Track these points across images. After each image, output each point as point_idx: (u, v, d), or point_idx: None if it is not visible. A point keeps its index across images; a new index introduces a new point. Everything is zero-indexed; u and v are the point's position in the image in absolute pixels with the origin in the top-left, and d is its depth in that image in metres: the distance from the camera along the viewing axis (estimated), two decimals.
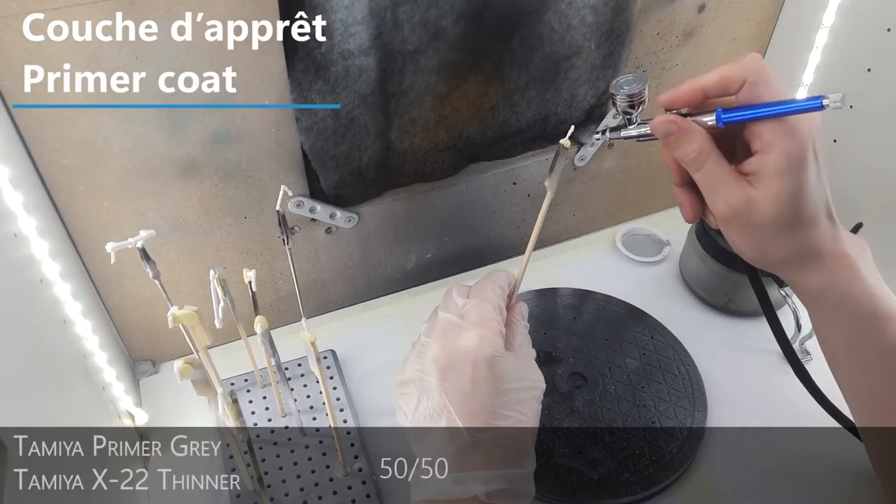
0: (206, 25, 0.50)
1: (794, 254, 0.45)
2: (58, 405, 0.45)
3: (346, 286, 0.74)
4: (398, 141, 0.65)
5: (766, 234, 0.44)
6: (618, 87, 0.47)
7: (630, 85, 0.47)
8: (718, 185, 0.44)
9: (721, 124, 0.44)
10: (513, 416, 0.46)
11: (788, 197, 0.43)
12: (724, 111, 0.43)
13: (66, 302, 0.52)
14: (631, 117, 0.48)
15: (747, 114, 0.42)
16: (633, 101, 0.47)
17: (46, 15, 0.45)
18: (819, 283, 0.46)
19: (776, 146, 0.42)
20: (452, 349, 0.47)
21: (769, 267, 0.48)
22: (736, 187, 0.44)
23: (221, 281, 0.53)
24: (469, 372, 0.46)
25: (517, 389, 0.47)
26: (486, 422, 0.45)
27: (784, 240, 0.45)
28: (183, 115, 0.54)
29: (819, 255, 0.45)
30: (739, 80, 0.43)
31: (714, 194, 0.45)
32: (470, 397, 0.46)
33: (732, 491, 0.59)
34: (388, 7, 0.54)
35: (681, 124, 0.45)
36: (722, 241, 0.70)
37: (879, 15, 0.65)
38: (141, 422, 0.62)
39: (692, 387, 0.65)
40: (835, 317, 0.47)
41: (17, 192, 0.46)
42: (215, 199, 0.60)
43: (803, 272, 0.46)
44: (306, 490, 0.57)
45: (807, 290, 0.47)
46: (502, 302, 0.51)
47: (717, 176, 0.44)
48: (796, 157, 0.42)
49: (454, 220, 0.75)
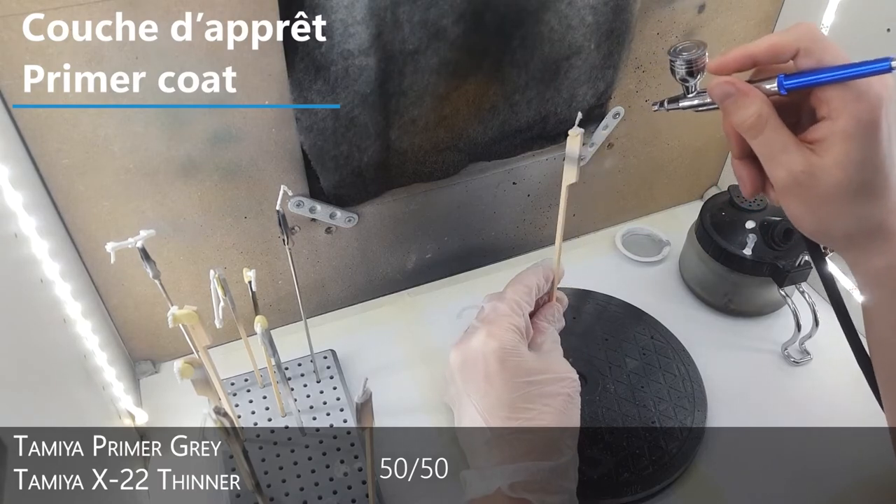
0: (206, 25, 0.50)
1: (858, 227, 0.42)
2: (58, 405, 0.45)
3: (346, 286, 0.74)
4: (398, 141, 0.65)
5: (830, 204, 0.41)
6: (676, 54, 0.44)
7: (689, 51, 0.44)
8: (779, 153, 0.41)
9: (783, 91, 0.41)
10: (534, 409, 0.46)
11: (858, 164, 0.40)
12: (785, 77, 0.41)
13: (67, 302, 0.52)
14: (689, 85, 0.45)
15: (812, 78, 0.40)
16: (693, 68, 0.44)
17: (46, 15, 0.45)
18: (884, 261, 0.42)
19: (845, 111, 0.39)
20: (466, 348, 0.49)
21: (830, 241, 0.44)
22: (798, 154, 0.41)
23: (221, 281, 0.53)
24: (481, 368, 0.47)
25: (539, 382, 0.46)
26: (505, 416, 0.45)
27: (849, 211, 0.41)
28: (183, 115, 0.54)
29: (887, 231, 0.42)
30: (791, 49, 0.40)
31: (774, 163, 0.42)
32: (486, 393, 0.46)
33: (732, 491, 0.59)
34: (388, 7, 0.54)
35: (739, 86, 0.42)
36: (722, 241, 0.70)
37: (879, 15, 0.65)
38: (141, 422, 0.62)
39: (692, 386, 0.65)
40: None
41: (17, 192, 0.46)
42: (215, 198, 0.60)
43: (868, 249, 0.43)
44: (306, 490, 0.57)
45: (870, 269, 0.43)
46: (524, 299, 0.50)
47: (777, 143, 0.41)
48: (867, 121, 0.39)
49: (454, 220, 0.75)
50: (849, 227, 0.42)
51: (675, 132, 0.80)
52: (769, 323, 0.74)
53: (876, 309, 0.45)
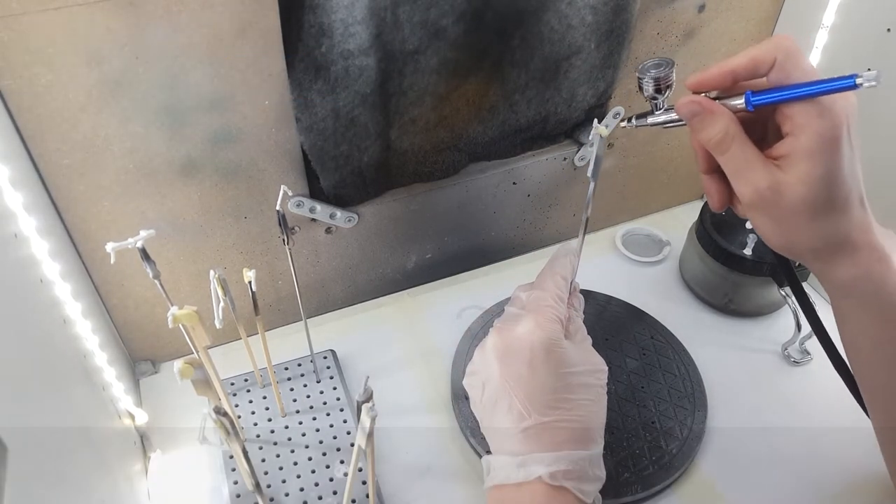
0: (206, 25, 0.50)
1: (824, 242, 0.43)
2: (58, 405, 0.45)
3: (346, 286, 0.74)
4: (398, 141, 0.65)
5: (795, 220, 0.42)
6: (644, 71, 0.45)
7: (657, 68, 0.45)
8: (745, 170, 0.42)
9: (751, 107, 0.42)
10: (576, 399, 0.46)
11: (820, 180, 0.40)
12: (753, 94, 0.41)
13: (67, 302, 0.52)
14: (658, 102, 0.46)
15: (777, 95, 0.40)
16: (660, 86, 0.45)
17: (47, 15, 0.45)
18: (850, 273, 0.43)
19: (808, 127, 0.40)
20: (510, 336, 0.48)
21: (797, 256, 0.45)
22: (763, 171, 0.41)
23: (221, 281, 0.53)
24: (527, 356, 0.47)
25: (579, 373, 0.47)
26: (548, 404, 0.45)
27: (814, 226, 0.42)
28: (183, 115, 0.54)
29: (851, 245, 0.43)
30: (769, 61, 0.41)
31: (740, 179, 0.43)
32: (529, 381, 0.46)
33: (733, 491, 0.59)
34: (388, 7, 0.54)
35: (705, 105, 0.43)
36: (722, 241, 0.70)
37: (879, 15, 0.65)
38: (141, 422, 0.62)
39: (692, 387, 0.65)
40: (865, 310, 0.45)
41: (17, 192, 0.46)
42: (215, 199, 0.60)
43: (833, 262, 0.44)
44: (306, 490, 0.57)
45: (836, 281, 0.45)
46: (562, 291, 0.51)
47: (742, 159, 0.42)
48: (829, 138, 0.40)
49: (454, 220, 0.75)
50: (814, 241, 0.43)
51: (676, 132, 0.80)
52: (769, 323, 0.74)
53: (846, 318, 0.46)
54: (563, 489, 0.43)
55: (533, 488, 0.43)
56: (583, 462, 0.44)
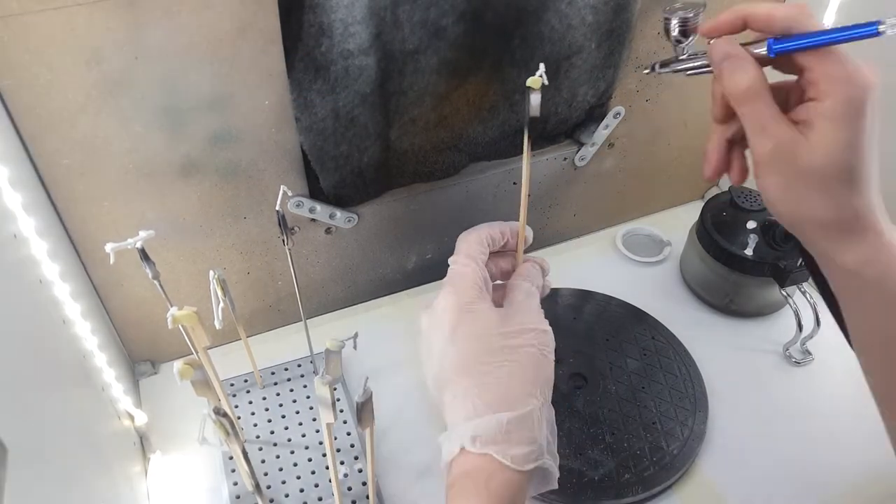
0: (206, 25, 0.50)
1: (835, 217, 0.41)
2: (57, 406, 0.45)
3: (345, 286, 0.74)
4: (398, 141, 0.65)
5: (808, 185, 0.40)
6: (672, 12, 0.44)
7: (685, 10, 0.43)
8: (767, 122, 0.40)
9: (772, 53, 0.40)
10: (496, 361, 0.45)
11: (840, 147, 0.39)
12: (775, 41, 0.40)
13: (66, 302, 0.51)
14: (683, 46, 0.45)
15: (799, 42, 0.39)
16: (687, 27, 0.44)
17: (46, 15, 0.45)
18: (858, 256, 0.41)
19: (834, 92, 0.38)
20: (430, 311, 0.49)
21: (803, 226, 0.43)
22: (785, 127, 0.40)
23: (221, 281, 0.53)
24: (446, 326, 0.46)
25: (502, 335, 0.45)
26: (465, 371, 0.44)
27: (826, 196, 0.40)
28: (183, 115, 0.54)
29: (861, 226, 0.41)
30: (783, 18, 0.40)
31: (760, 132, 0.41)
32: (448, 350, 0.46)
33: (733, 492, 0.59)
34: (388, 6, 0.54)
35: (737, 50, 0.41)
36: (723, 242, 0.70)
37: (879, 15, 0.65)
38: (141, 422, 0.62)
39: (693, 387, 0.65)
40: (870, 301, 0.42)
41: (16, 192, 0.46)
42: (215, 199, 0.60)
43: (841, 243, 0.41)
44: (306, 491, 0.57)
45: (843, 264, 0.42)
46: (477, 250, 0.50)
47: (766, 112, 0.40)
48: (854, 104, 0.38)
49: (454, 221, 0.75)
50: (824, 212, 0.41)
51: (676, 132, 0.80)
52: (770, 323, 0.73)
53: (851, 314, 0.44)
54: (487, 456, 0.42)
55: (463, 458, 0.42)
56: (503, 425, 0.42)
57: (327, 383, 0.41)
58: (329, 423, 0.44)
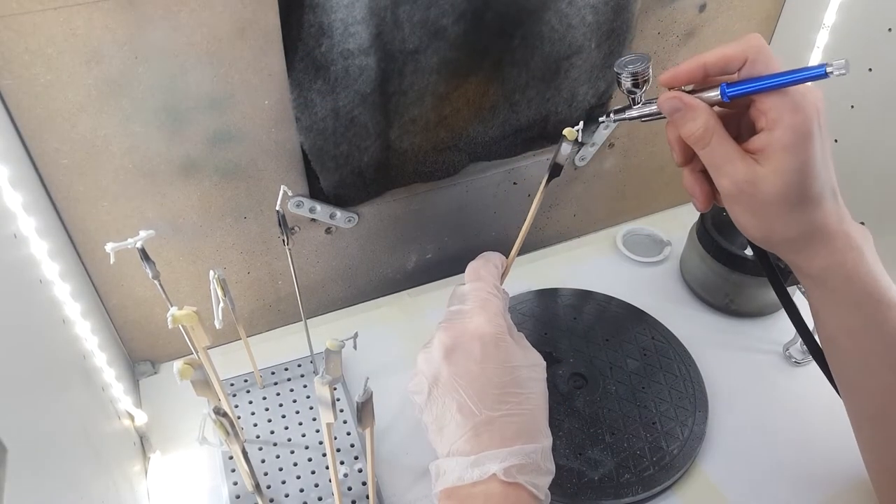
0: (206, 25, 0.50)
1: (800, 232, 0.45)
2: (57, 405, 0.45)
3: (346, 286, 0.74)
4: (398, 141, 0.65)
5: (771, 211, 0.44)
6: (622, 66, 0.47)
7: (634, 64, 0.46)
8: (724, 163, 0.44)
9: (726, 98, 0.43)
10: (523, 392, 0.46)
11: (794, 172, 0.42)
12: (728, 85, 0.43)
13: (66, 302, 0.51)
14: (636, 96, 0.48)
15: (752, 86, 0.42)
16: (638, 80, 0.47)
17: (46, 14, 0.45)
18: (825, 262, 0.45)
19: (782, 122, 0.42)
20: (458, 333, 0.47)
21: (775, 247, 0.47)
22: (741, 164, 0.43)
23: (221, 281, 0.53)
24: (477, 352, 0.46)
25: (523, 367, 0.47)
26: (497, 399, 0.45)
27: (790, 217, 0.44)
28: (183, 115, 0.54)
29: (825, 234, 0.45)
30: (740, 59, 0.43)
31: (719, 172, 0.44)
32: (479, 377, 0.46)
33: (733, 492, 0.59)
34: (388, 6, 0.54)
35: (686, 100, 0.44)
36: (723, 242, 0.70)
37: (880, 14, 0.65)
38: (140, 422, 0.62)
39: (693, 387, 0.65)
40: (839, 299, 0.46)
41: (16, 192, 0.46)
42: (215, 199, 0.60)
43: (809, 252, 0.45)
44: (306, 490, 0.57)
45: (812, 270, 0.46)
46: (497, 281, 0.51)
47: (722, 153, 0.44)
48: (802, 132, 0.41)
49: (454, 221, 0.75)
50: (789, 231, 0.45)
51: None
52: (770, 323, 0.73)
53: (820, 309, 0.48)
54: (517, 485, 0.42)
55: (487, 487, 0.43)
56: (534, 455, 0.44)
57: (327, 383, 0.41)
58: (329, 423, 0.44)
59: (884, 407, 0.47)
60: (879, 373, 0.47)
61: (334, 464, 0.49)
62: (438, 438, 0.46)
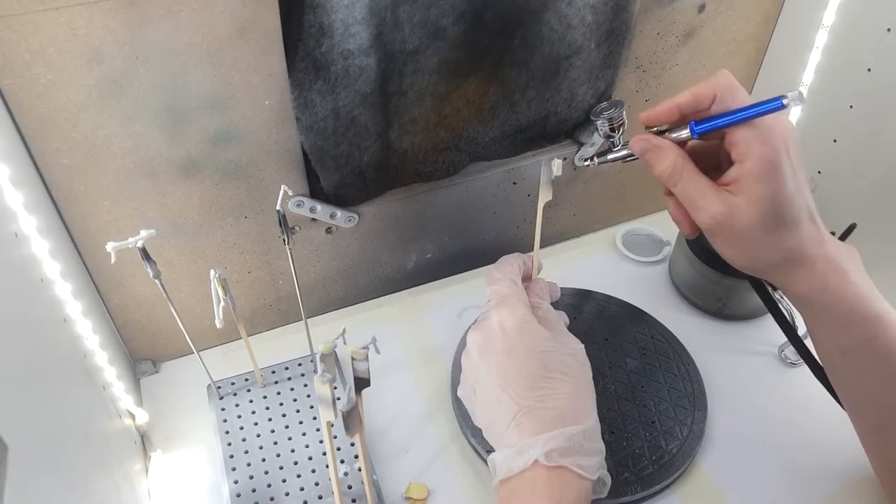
0: (207, 25, 0.50)
1: (781, 257, 0.46)
2: (58, 404, 0.45)
3: (346, 286, 0.74)
4: (398, 141, 0.65)
5: (751, 239, 0.45)
6: (598, 114, 0.51)
7: (609, 110, 0.51)
8: (697, 198, 0.46)
9: (695, 135, 0.46)
10: (557, 377, 0.47)
11: (767, 201, 0.44)
12: (696, 123, 0.46)
13: (67, 301, 0.52)
14: (614, 139, 0.52)
15: (717, 122, 0.45)
16: (613, 125, 0.51)
17: (47, 14, 0.45)
18: (808, 286, 0.47)
19: (751, 153, 0.43)
20: (483, 331, 0.51)
21: (761, 272, 0.49)
22: (715, 197, 0.45)
23: (222, 281, 0.53)
24: (502, 344, 0.49)
25: (555, 352, 0.48)
26: (531, 387, 0.47)
27: (769, 243, 0.45)
28: (183, 115, 0.54)
29: (806, 258, 0.46)
30: (710, 96, 0.45)
31: (695, 207, 0.46)
32: (509, 368, 0.48)
33: (732, 491, 0.59)
34: (389, 7, 0.54)
35: (654, 141, 0.47)
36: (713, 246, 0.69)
37: (879, 15, 0.65)
38: (141, 421, 0.62)
39: (692, 386, 0.65)
40: (827, 320, 0.48)
41: (17, 191, 0.46)
42: (215, 198, 0.60)
43: (792, 276, 0.47)
44: (306, 490, 0.58)
45: (797, 293, 0.48)
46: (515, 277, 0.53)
47: (694, 188, 0.46)
48: (771, 161, 0.43)
49: (454, 220, 0.75)
50: (772, 257, 0.46)
51: None
52: (764, 325, 0.73)
53: (811, 328, 0.50)
54: (562, 468, 0.44)
55: (533, 473, 0.44)
56: (575, 437, 0.45)
57: (327, 382, 0.41)
58: (329, 422, 0.44)
59: (882, 420, 0.49)
60: (874, 389, 0.48)
61: (334, 463, 0.49)
62: (491, 435, 0.49)
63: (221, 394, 0.64)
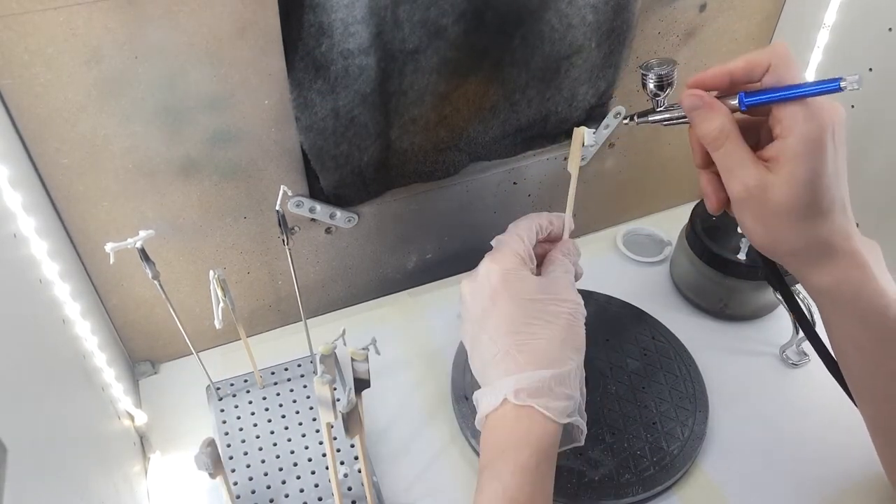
0: (206, 25, 0.50)
1: (805, 245, 0.44)
2: (57, 405, 0.45)
3: (346, 286, 0.74)
4: (398, 140, 0.65)
5: (779, 220, 0.44)
6: (648, 68, 0.48)
7: (661, 66, 0.47)
8: (736, 166, 0.44)
9: (743, 107, 0.44)
10: (536, 324, 0.48)
11: (804, 182, 0.42)
12: (746, 95, 0.44)
13: (66, 302, 0.51)
14: (659, 100, 0.49)
15: (767, 96, 0.43)
16: (663, 83, 0.48)
17: (46, 14, 0.45)
18: (830, 279, 0.45)
19: (795, 130, 0.42)
20: (473, 276, 0.52)
21: (780, 257, 0.47)
22: (753, 169, 0.43)
23: (221, 281, 0.53)
24: (488, 290, 0.50)
25: (541, 301, 0.48)
26: (510, 330, 0.47)
27: (797, 229, 0.44)
28: (182, 115, 0.54)
29: (831, 251, 0.44)
30: (764, 66, 0.43)
31: (731, 175, 0.45)
32: (492, 312, 0.49)
33: (734, 492, 0.59)
34: (389, 6, 0.54)
35: (706, 99, 0.45)
36: (715, 247, 0.69)
37: (881, 14, 0.65)
38: (140, 422, 0.62)
39: (693, 387, 0.65)
40: (845, 316, 0.46)
41: (16, 192, 0.46)
42: (215, 198, 0.60)
43: (814, 267, 0.45)
44: (306, 490, 0.57)
45: (817, 286, 0.46)
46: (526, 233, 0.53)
47: (736, 157, 0.44)
48: (814, 141, 0.42)
49: (455, 220, 0.75)
50: (795, 242, 0.45)
51: (677, 131, 0.80)
52: (766, 325, 0.73)
53: (829, 321, 0.48)
54: (529, 407, 0.45)
55: (504, 410, 0.46)
56: (547, 380, 0.46)
57: (327, 383, 0.41)
58: (329, 423, 0.44)
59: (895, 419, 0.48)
60: (889, 387, 0.47)
61: (334, 464, 0.49)
62: (479, 374, 0.50)
63: (221, 395, 0.64)
